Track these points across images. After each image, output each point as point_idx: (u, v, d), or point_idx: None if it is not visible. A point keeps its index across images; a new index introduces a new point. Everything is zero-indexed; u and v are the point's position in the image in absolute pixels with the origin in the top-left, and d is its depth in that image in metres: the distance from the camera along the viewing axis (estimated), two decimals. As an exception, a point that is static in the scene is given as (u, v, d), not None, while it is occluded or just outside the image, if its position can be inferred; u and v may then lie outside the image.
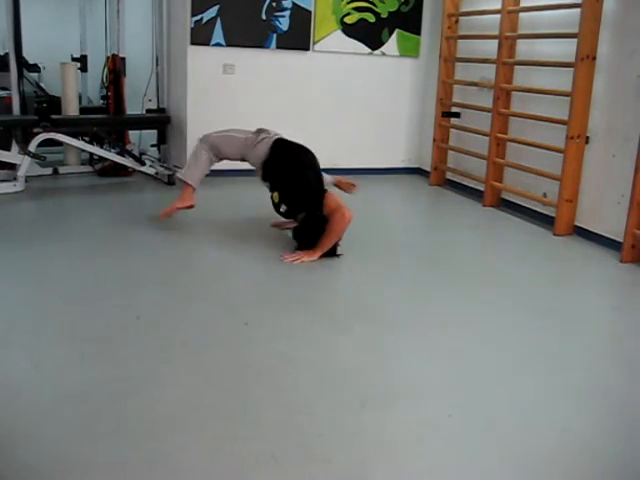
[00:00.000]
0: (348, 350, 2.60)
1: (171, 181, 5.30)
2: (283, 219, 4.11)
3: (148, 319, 2.78)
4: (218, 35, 5.37)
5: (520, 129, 4.91)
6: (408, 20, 5.97)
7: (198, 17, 5.28)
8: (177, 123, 5.70)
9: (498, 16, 4.93)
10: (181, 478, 1.79)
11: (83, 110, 5.87)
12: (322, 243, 3.59)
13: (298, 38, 5.62)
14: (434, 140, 5.88)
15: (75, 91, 5.72)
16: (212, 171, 4.08)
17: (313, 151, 3.99)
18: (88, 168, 5.64)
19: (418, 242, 4.25)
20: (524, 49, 4.86)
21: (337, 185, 4.30)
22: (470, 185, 5.51)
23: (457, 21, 5.64)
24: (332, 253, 3.65)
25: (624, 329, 3.06)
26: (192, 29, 5.30)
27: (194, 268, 3.50)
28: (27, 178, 4.97)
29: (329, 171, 5.81)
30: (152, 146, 5.98)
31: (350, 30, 5.78)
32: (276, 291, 3.22)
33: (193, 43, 5.35)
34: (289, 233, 3.96)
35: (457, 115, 5.69)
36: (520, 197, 4.90)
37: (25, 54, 5.43)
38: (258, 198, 4.28)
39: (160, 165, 5.70)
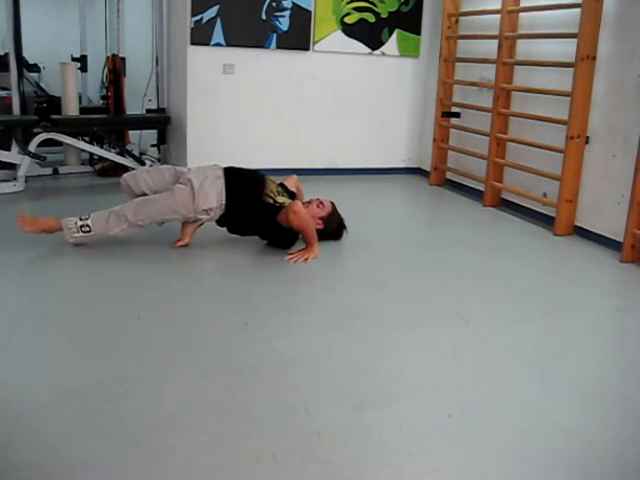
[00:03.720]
0: (348, 350, 2.60)
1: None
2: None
3: (148, 319, 2.78)
4: (218, 35, 5.37)
5: (520, 129, 4.91)
6: (408, 20, 5.97)
7: (198, 17, 5.28)
8: (177, 123, 5.70)
9: (498, 16, 4.93)
10: (181, 477, 1.79)
11: (83, 110, 5.88)
12: (307, 240, 3.62)
13: (298, 38, 5.62)
14: (434, 140, 5.87)
15: (75, 91, 5.73)
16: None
17: (312, 151, 3.99)
18: (88, 168, 5.64)
19: (418, 242, 4.25)
20: (524, 49, 4.86)
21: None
22: (470, 185, 5.51)
23: (457, 21, 5.64)
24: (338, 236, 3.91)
25: (625, 329, 3.06)
26: (192, 29, 5.30)
27: (194, 268, 3.50)
28: (27, 178, 4.97)
29: (329, 171, 5.86)
30: (152, 146, 5.99)
31: (350, 30, 5.78)
32: (276, 291, 3.22)
33: (193, 43, 5.35)
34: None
35: (457, 115, 5.69)
36: (520, 197, 4.90)
37: (25, 54, 5.43)
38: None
39: (160, 165, 5.71)
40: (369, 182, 5.86)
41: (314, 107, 5.86)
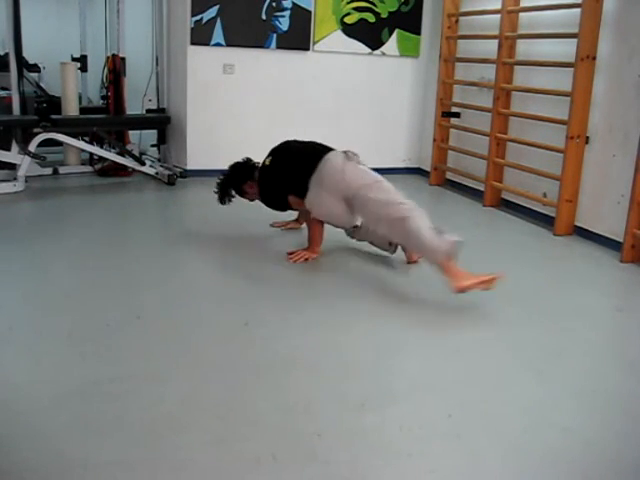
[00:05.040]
0: (348, 350, 2.60)
1: (171, 181, 5.30)
2: (283, 219, 4.13)
3: (148, 319, 2.78)
4: (218, 35, 5.37)
5: (520, 129, 4.91)
6: (408, 20, 5.97)
7: (198, 17, 5.28)
8: (177, 123, 5.70)
9: (498, 16, 4.93)
10: (181, 477, 1.79)
11: (83, 110, 5.87)
12: (312, 239, 3.62)
13: (298, 38, 5.62)
14: (434, 140, 5.87)
15: (75, 91, 5.73)
16: (209, 171, 4.07)
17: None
18: (88, 168, 5.64)
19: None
20: (524, 49, 4.86)
21: None
22: (470, 185, 5.51)
23: (457, 21, 5.64)
24: None
25: (625, 329, 3.06)
26: (192, 29, 5.30)
27: (194, 268, 3.50)
28: (27, 178, 4.97)
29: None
30: (152, 146, 5.98)
31: (350, 30, 5.78)
32: (276, 291, 3.22)
33: (193, 43, 5.35)
34: (289, 233, 3.96)
35: (457, 115, 5.69)
36: (520, 197, 4.90)
37: (25, 54, 5.43)
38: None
39: (160, 165, 5.71)
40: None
41: (314, 107, 5.86)
